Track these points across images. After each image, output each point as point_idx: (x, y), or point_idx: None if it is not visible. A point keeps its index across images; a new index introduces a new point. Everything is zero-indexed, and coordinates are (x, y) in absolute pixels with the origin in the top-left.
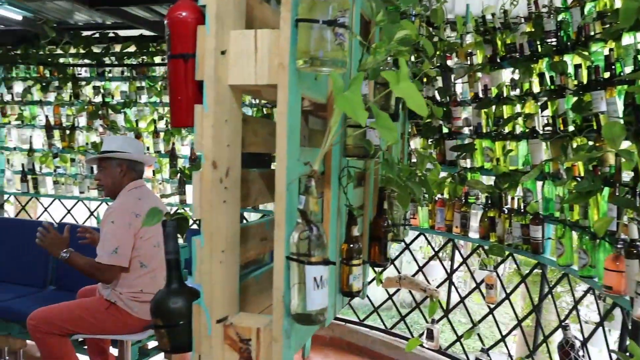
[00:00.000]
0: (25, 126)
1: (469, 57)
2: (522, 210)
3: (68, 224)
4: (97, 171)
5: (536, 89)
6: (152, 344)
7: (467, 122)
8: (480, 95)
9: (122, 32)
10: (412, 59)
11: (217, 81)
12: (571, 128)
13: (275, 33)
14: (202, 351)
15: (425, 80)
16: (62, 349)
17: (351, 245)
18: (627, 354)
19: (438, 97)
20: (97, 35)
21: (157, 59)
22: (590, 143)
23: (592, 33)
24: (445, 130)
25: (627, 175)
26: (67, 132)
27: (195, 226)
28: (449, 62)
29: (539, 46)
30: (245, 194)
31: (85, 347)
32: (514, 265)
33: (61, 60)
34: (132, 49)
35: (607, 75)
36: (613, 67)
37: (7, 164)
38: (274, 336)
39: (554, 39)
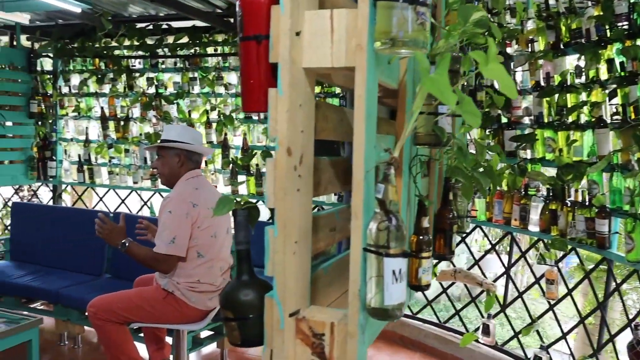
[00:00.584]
0: (81, 117)
1: (529, 44)
2: (587, 203)
3: (122, 213)
4: (155, 159)
5: (604, 76)
6: (204, 333)
7: (527, 111)
8: (542, 83)
9: (175, 24)
10: None
11: (292, 63)
12: None
13: (352, 13)
14: (274, 346)
15: None
16: (120, 336)
17: (421, 237)
18: None
19: (497, 86)
20: (150, 27)
21: (210, 50)
22: None
23: None
24: (504, 120)
25: None
26: (122, 123)
27: None
28: (509, 50)
29: (607, 31)
30: (316, 183)
31: (142, 334)
32: (575, 260)
33: (116, 52)
34: (184, 40)
35: None
36: None
37: (65, 154)
38: (350, 331)
39: (625, 22)
